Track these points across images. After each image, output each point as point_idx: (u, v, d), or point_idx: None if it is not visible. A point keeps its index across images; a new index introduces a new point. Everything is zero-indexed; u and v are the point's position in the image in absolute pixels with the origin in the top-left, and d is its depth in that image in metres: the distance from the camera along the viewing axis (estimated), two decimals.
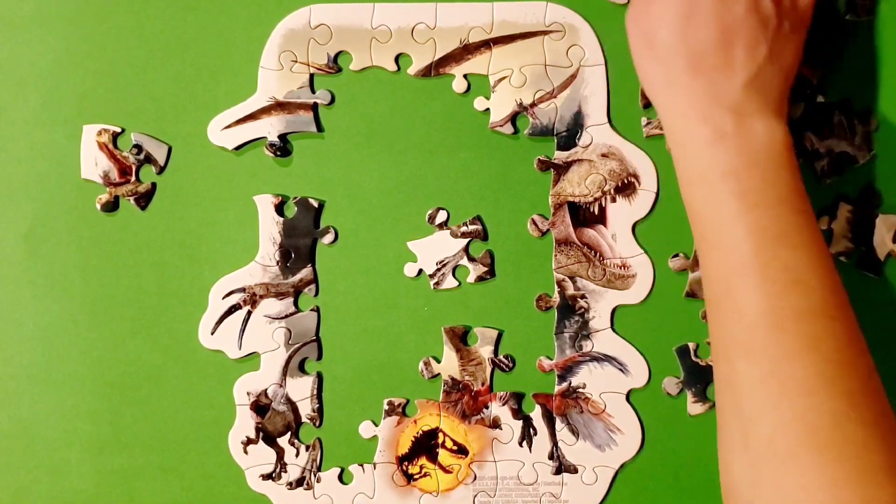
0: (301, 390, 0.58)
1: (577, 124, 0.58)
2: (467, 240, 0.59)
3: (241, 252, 0.59)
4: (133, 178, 0.59)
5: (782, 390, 0.45)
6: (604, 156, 0.58)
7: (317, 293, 0.59)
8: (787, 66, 0.51)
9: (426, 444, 0.58)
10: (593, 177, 0.58)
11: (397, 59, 0.59)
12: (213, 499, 0.59)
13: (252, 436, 0.58)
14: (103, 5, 0.59)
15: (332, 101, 0.59)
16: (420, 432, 0.58)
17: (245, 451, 0.58)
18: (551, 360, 0.58)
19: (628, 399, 0.58)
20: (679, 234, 0.58)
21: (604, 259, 0.58)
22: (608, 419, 0.58)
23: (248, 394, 0.58)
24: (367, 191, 0.59)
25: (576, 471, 0.58)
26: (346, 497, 0.58)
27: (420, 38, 0.58)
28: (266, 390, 0.58)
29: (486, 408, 0.58)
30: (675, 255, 0.58)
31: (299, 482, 0.58)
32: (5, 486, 0.59)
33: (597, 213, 0.58)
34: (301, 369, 0.59)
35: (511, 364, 0.59)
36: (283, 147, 0.59)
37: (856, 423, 0.44)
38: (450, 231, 0.59)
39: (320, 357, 0.59)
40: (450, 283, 0.59)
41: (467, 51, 0.58)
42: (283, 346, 0.58)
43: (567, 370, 0.58)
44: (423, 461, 0.58)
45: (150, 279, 0.59)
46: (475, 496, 0.58)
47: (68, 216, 0.59)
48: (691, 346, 0.58)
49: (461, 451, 0.58)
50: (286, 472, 0.58)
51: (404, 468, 0.58)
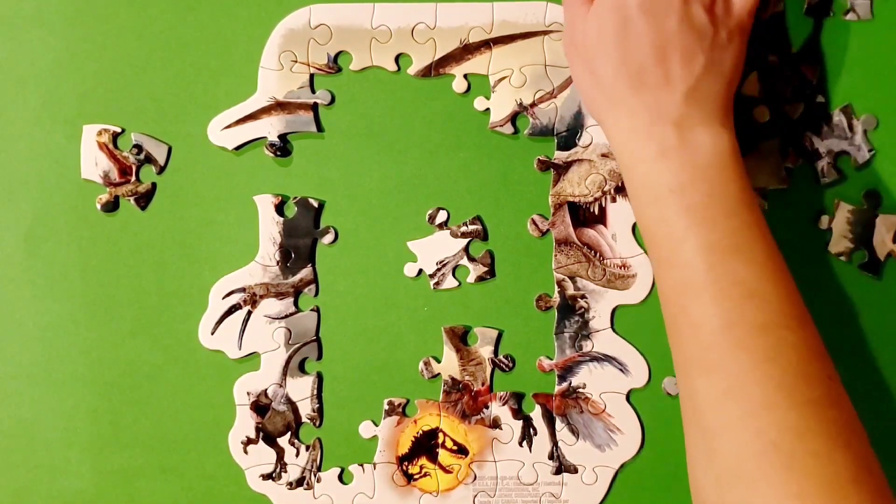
0: (301, 390, 0.58)
1: (577, 124, 0.58)
2: (467, 240, 0.59)
3: (241, 252, 0.59)
4: (133, 178, 0.59)
5: (743, 406, 0.44)
6: (604, 156, 0.58)
7: (317, 293, 0.59)
8: (728, 74, 0.51)
9: (426, 444, 0.58)
10: (593, 177, 0.58)
11: (397, 59, 0.59)
12: (213, 499, 0.59)
13: (252, 436, 0.58)
14: (103, 5, 0.59)
15: (332, 101, 0.59)
16: (420, 432, 0.58)
17: (245, 451, 0.58)
18: (551, 360, 0.58)
19: (628, 399, 0.58)
20: None
21: (604, 259, 0.58)
22: (608, 419, 0.58)
23: (248, 394, 0.58)
24: (367, 191, 0.59)
25: (576, 471, 0.58)
26: (346, 497, 0.58)
27: (420, 38, 0.58)
28: (266, 390, 0.58)
29: (486, 408, 0.58)
30: None
31: (299, 482, 0.58)
32: (5, 486, 0.59)
33: (597, 213, 0.58)
34: (301, 369, 0.59)
35: (511, 364, 0.59)
36: (283, 147, 0.59)
37: (819, 435, 0.43)
38: (450, 231, 0.59)
39: (320, 357, 0.59)
40: (450, 283, 0.59)
41: (467, 51, 0.58)
42: (283, 346, 0.58)
43: (567, 370, 0.58)
44: (423, 461, 0.58)
45: (150, 279, 0.59)
46: (475, 496, 0.58)
47: (68, 216, 0.59)
48: None
49: (461, 451, 0.58)
50: (286, 472, 0.58)
51: (404, 468, 0.58)
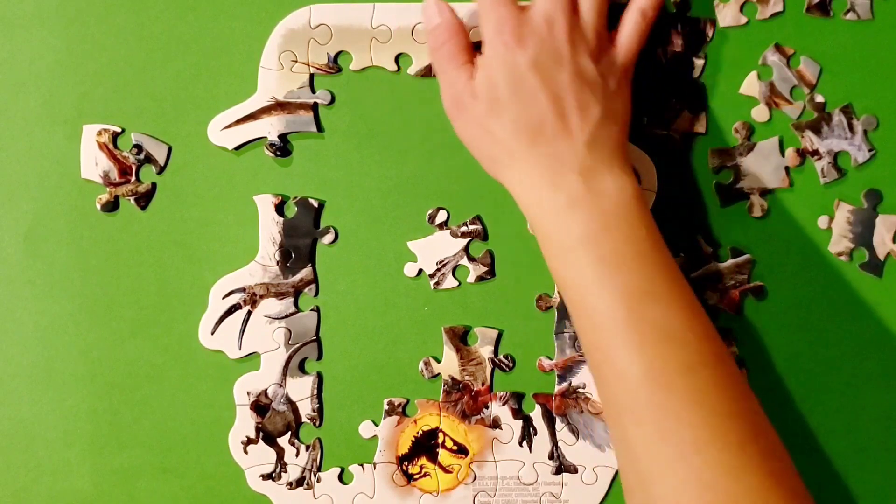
0: (301, 390, 0.58)
1: None
2: (467, 240, 0.59)
3: (241, 252, 0.59)
4: (133, 178, 0.59)
5: (675, 450, 0.45)
6: None
7: (317, 293, 0.59)
8: (621, 119, 0.52)
9: (426, 444, 0.58)
10: None
11: (397, 59, 0.59)
12: (213, 499, 0.59)
13: (252, 436, 0.58)
14: (103, 5, 0.59)
15: (332, 101, 0.59)
16: (420, 432, 0.58)
17: (245, 451, 0.58)
18: (551, 359, 0.58)
19: None
20: (679, 235, 0.58)
21: None
22: None
23: (248, 394, 0.58)
24: (367, 191, 0.59)
25: (576, 471, 0.58)
26: (346, 497, 0.58)
27: (420, 38, 0.58)
28: (266, 390, 0.58)
29: (486, 408, 0.58)
30: (675, 256, 0.58)
31: (299, 482, 0.58)
32: (5, 486, 0.59)
33: None
34: (301, 369, 0.59)
35: (511, 364, 0.59)
36: (283, 147, 0.59)
37: (752, 473, 0.44)
38: (450, 231, 0.59)
39: (320, 357, 0.59)
40: (450, 283, 0.59)
41: None
42: (283, 346, 0.58)
43: (567, 370, 0.58)
44: (423, 461, 0.58)
45: (150, 279, 0.59)
46: (475, 496, 0.58)
47: (68, 216, 0.59)
48: None
49: (461, 451, 0.58)
50: (286, 472, 0.58)
51: (404, 468, 0.58)
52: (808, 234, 0.58)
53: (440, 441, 0.58)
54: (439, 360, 0.58)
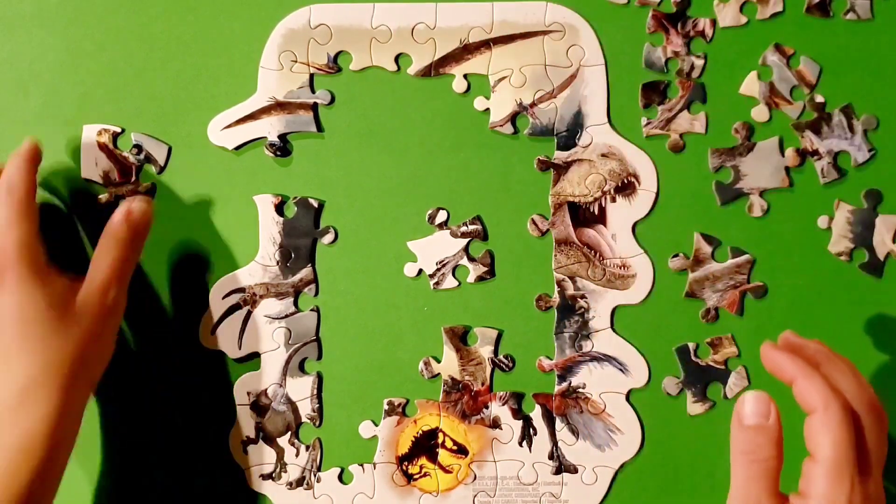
0: (301, 390, 0.58)
1: (577, 124, 0.58)
2: (467, 240, 0.59)
3: (241, 252, 0.59)
4: (133, 178, 0.59)
5: None
6: (604, 156, 0.58)
7: (317, 293, 0.59)
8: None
9: (426, 444, 0.58)
10: (593, 177, 0.58)
11: (397, 59, 0.59)
12: (213, 499, 0.59)
13: (252, 436, 0.58)
14: (103, 5, 0.59)
15: (332, 101, 0.59)
16: (420, 432, 0.58)
17: (245, 451, 0.58)
18: (551, 360, 0.58)
19: (628, 399, 0.58)
20: (679, 234, 0.58)
21: (604, 259, 0.58)
22: (608, 419, 0.58)
23: (248, 394, 0.58)
24: (367, 191, 0.59)
25: (576, 471, 0.58)
26: (346, 497, 0.58)
27: (420, 38, 0.58)
28: (266, 390, 0.58)
29: (486, 408, 0.58)
30: (675, 255, 0.58)
31: (299, 482, 0.58)
32: None
33: (597, 213, 0.58)
34: (301, 369, 0.59)
35: (511, 364, 0.59)
36: (283, 147, 0.59)
37: None
38: (450, 231, 0.59)
39: (320, 357, 0.59)
40: (450, 283, 0.59)
41: (467, 51, 0.58)
42: (283, 346, 0.58)
43: (567, 370, 0.58)
44: (423, 461, 0.58)
45: (150, 279, 0.59)
46: (475, 496, 0.58)
47: (68, 216, 0.59)
48: (691, 346, 0.58)
49: (461, 451, 0.58)
50: (286, 472, 0.58)
51: (404, 468, 0.58)
52: (808, 234, 0.58)
53: (440, 441, 0.58)
54: (439, 360, 0.58)
